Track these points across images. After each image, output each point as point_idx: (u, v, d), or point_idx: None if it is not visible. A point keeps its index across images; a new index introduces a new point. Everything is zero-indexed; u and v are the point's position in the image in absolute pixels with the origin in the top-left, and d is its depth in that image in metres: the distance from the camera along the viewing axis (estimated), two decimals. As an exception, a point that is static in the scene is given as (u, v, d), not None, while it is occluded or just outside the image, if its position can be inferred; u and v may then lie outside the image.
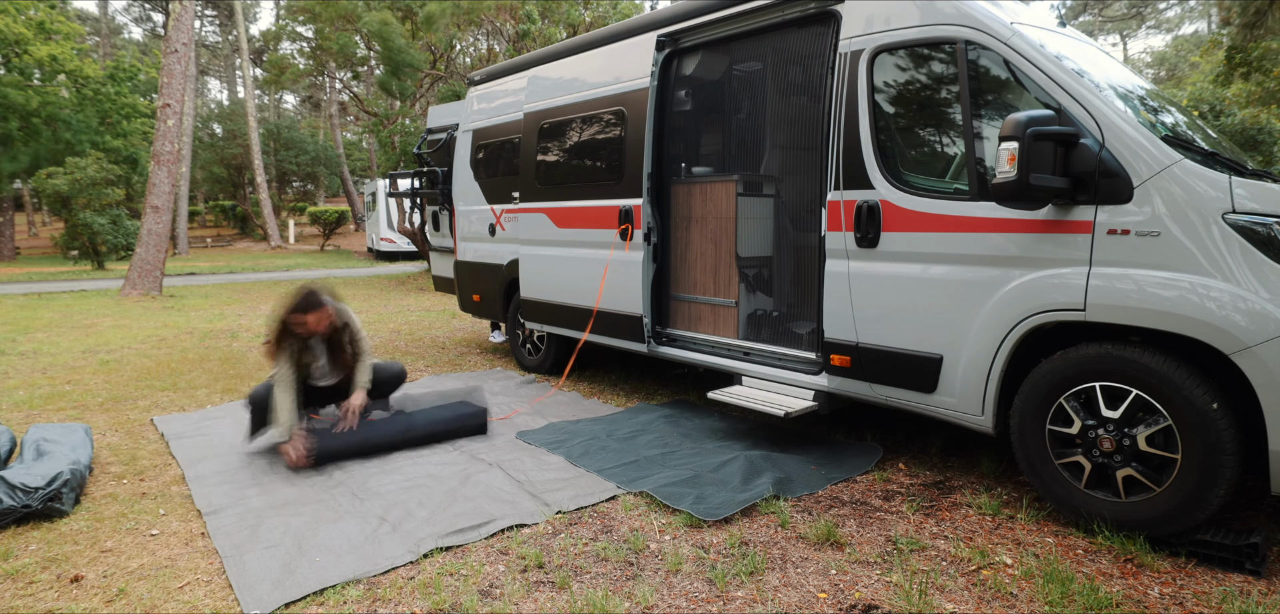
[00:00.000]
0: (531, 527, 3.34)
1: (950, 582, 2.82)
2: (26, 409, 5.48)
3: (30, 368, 7.04)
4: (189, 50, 13.34)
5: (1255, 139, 12.08)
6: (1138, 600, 2.66)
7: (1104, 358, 3.01)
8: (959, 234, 3.42)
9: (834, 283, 3.93)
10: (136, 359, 7.49)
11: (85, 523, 3.41)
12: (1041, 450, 3.24)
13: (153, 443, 4.66)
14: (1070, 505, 3.19)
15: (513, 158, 6.51)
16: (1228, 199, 2.78)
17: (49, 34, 22.77)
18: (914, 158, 3.71)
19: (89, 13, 40.43)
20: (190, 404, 5.64)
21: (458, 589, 2.79)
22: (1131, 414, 2.96)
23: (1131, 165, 2.94)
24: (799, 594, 2.75)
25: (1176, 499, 2.88)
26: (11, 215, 25.39)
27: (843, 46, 3.88)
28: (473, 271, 7.18)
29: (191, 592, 2.79)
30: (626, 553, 3.07)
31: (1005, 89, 3.34)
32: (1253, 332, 2.67)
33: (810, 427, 4.77)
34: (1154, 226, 2.89)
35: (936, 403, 3.59)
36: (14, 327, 9.68)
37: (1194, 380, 2.80)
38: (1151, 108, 3.55)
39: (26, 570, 2.96)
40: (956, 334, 3.44)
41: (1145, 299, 2.89)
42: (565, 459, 4.21)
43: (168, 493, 3.80)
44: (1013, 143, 2.92)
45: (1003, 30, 3.32)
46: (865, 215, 3.75)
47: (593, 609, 2.62)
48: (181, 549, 3.15)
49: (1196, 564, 2.91)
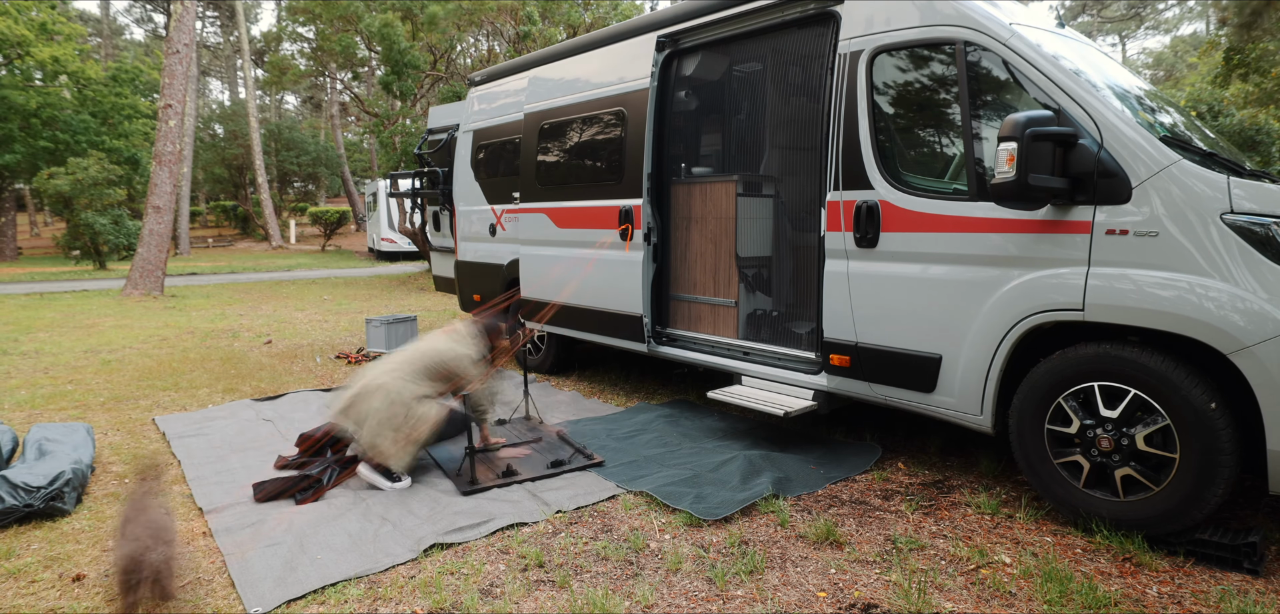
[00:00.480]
0: (532, 526, 3.35)
1: (949, 581, 2.83)
2: (29, 409, 5.50)
3: (32, 367, 7.06)
4: (190, 51, 13.36)
5: (1253, 140, 12.10)
6: (1136, 599, 2.66)
7: (1102, 358, 3.02)
8: (958, 234, 3.43)
9: (833, 283, 3.94)
10: (138, 359, 7.51)
11: (87, 522, 3.42)
12: (1040, 450, 3.25)
13: (154, 442, 4.68)
14: (1069, 505, 3.19)
15: (513, 158, 6.52)
16: (1226, 199, 2.78)
17: (51, 35, 22.80)
18: (913, 158, 3.72)
19: (91, 14, 40.51)
20: (191, 404, 5.66)
21: (458, 588, 2.80)
22: (1130, 414, 2.97)
23: (1130, 166, 2.95)
24: (798, 593, 2.75)
25: (1175, 498, 2.88)
26: (14, 215, 25.42)
27: (842, 47, 3.89)
28: (473, 271, 7.20)
29: (194, 590, 2.80)
30: (626, 552, 3.08)
31: (1004, 89, 3.35)
32: (1251, 331, 2.68)
33: (810, 426, 4.78)
34: (1152, 227, 2.90)
35: (936, 402, 3.59)
36: (16, 326, 9.70)
37: (1192, 380, 2.81)
38: (1150, 108, 3.56)
39: (29, 569, 2.97)
40: (956, 334, 3.45)
41: (1143, 299, 2.89)
42: (565, 459, 4.22)
43: (169, 492, 3.81)
44: (1012, 143, 2.93)
45: (1002, 31, 3.33)
46: (864, 215, 3.76)
47: (593, 608, 2.63)
48: (184, 548, 3.15)
49: (1194, 563, 2.92)
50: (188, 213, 30.61)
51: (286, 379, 6.55)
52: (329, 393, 5.89)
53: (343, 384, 6.17)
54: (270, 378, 6.61)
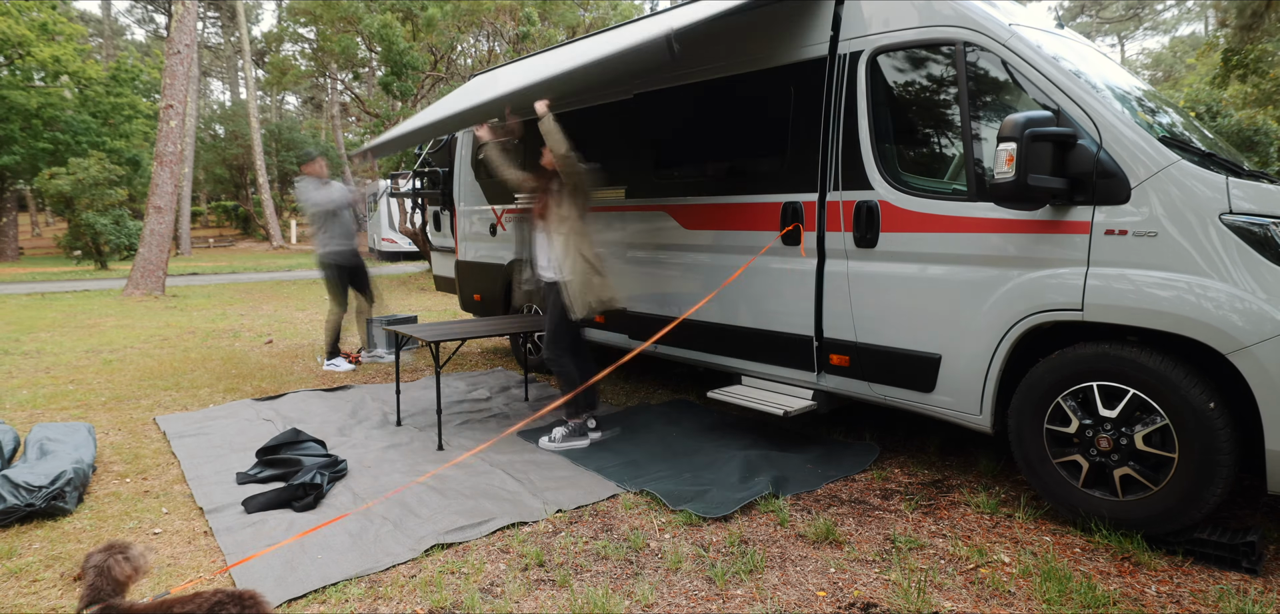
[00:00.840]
0: (532, 525, 3.36)
1: (948, 580, 2.83)
2: (30, 408, 5.51)
3: (34, 367, 7.07)
4: (191, 51, 13.38)
5: (1252, 140, 12.15)
6: (1135, 598, 2.67)
7: (1101, 357, 3.03)
8: (957, 234, 3.44)
9: (833, 283, 3.95)
10: (139, 359, 7.52)
11: (88, 521, 3.43)
12: (1039, 449, 3.25)
13: (155, 442, 4.69)
14: (1068, 504, 3.20)
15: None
16: (1225, 200, 2.79)
17: (51, 35, 22.84)
18: (912, 158, 3.73)
19: (92, 14, 40.55)
20: (193, 403, 5.67)
21: (459, 587, 2.81)
22: (1129, 413, 2.98)
23: (1129, 166, 2.96)
24: (798, 592, 2.76)
25: (1173, 498, 2.89)
26: (15, 215, 25.47)
27: (842, 48, 3.89)
28: (474, 271, 7.21)
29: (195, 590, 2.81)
30: (626, 551, 3.09)
31: (1003, 90, 3.36)
32: (1249, 331, 2.68)
33: (809, 426, 4.79)
34: (1151, 227, 2.91)
35: (935, 402, 3.60)
36: (18, 326, 9.72)
37: (1191, 380, 2.81)
38: (1149, 109, 3.57)
39: (30, 569, 2.98)
40: (955, 334, 3.46)
41: (1142, 299, 2.90)
42: (566, 458, 4.23)
43: (170, 491, 3.82)
44: (1011, 143, 2.93)
45: (1001, 32, 3.34)
46: (864, 216, 3.77)
47: (593, 607, 2.64)
48: (184, 547, 3.17)
49: (1193, 562, 2.93)
50: (189, 213, 30.66)
51: (287, 379, 6.56)
52: (330, 393, 5.90)
53: (342, 384, 6.20)
54: (271, 378, 6.62)
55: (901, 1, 3.67)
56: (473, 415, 5.27)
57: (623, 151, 5.25)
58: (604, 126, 5.40)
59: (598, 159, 4.68)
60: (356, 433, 4.81)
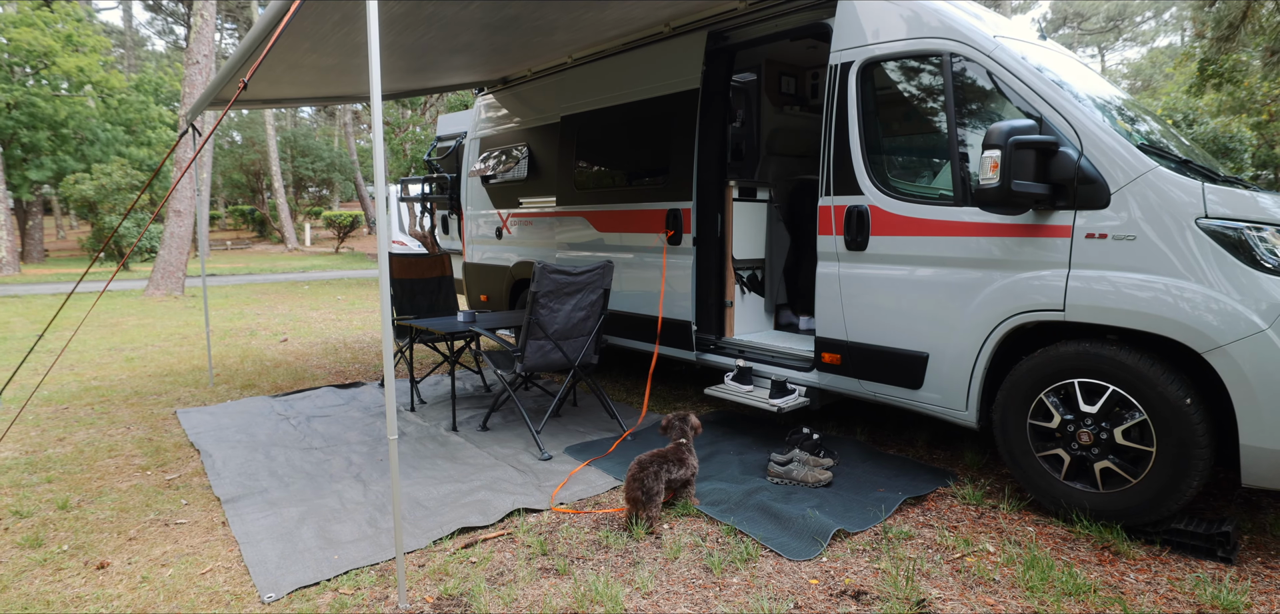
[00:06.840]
0: (537, 515, 3.49)
1: (935, 568, 2.92)
2: (56, 405, 5.71)
3: (59, 364, 7.29)
4: (209, 61, 13.66)
5: (1226, 147, 12.29)
6: (1114, 586, 2.76)
7: (1082, 356, 3.12)
8: (944, 238, 3.54)
9: (826, 284, 4.06)
10: (160, 356, 7.74)
11: (111, 513, 3.57)
12: (1023, 444, 3.35)
13: (175, 436, 4.86)
14: (1050, 496, 3.30)
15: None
16: (1201, 204, 2.88)
17: (76, 46, 23.32)
18: (901, 165, 3.83)
19: (114, 25, 41.19)
20: (211, 399, 5.85)
21: (467, 575, 2.91)
22: (1109, 409, 3.07)
23: (1109, 172, 3.05)
24: (792, 580, 2.85)
25: (1152, 490, 2.98)
26: (41, 219, 25.98)
27: (834, 58, 4.01)
28: (480, 273, 7.38)
29: (212, 578, 2.92)
30: (626, 542, 3.20)
31: (988, 99, 3.46)
32: (1224, 331, 2.77)
33: (803, 421, 4.89)
34: (1130, 231, 3.00)
35: (923, 398, 3.71)
36: (44, 324, 9.97)
37: (1168, 377, 2.91)
38: (1128, 117, 3.65)
39: (55, 558, 3.11)
40: (942, 333, 3.57)
41: (1121, 300, 3.00)
42: (569, 454, 4.37)
43: (189, 484, 3.98)
44: (995, 151, 3.04)
45: (986, 43, 3.44)
46: (855, 220, 3.89)
47: (595, 595, 2.73)
48: (203, 538, 3.29)
49: (1170, 552, 3.02)
50: (207, 216, 31.07)
51: (303, 376, 6.74)
52: (344, 389, 6.07)
53: (355, 381, 6.36)
54: (287, 374, 6.81)
55: (891, 14, 3.78)
56: (480, 409, 5.41)
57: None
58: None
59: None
60: (372, 427, 4.98)
